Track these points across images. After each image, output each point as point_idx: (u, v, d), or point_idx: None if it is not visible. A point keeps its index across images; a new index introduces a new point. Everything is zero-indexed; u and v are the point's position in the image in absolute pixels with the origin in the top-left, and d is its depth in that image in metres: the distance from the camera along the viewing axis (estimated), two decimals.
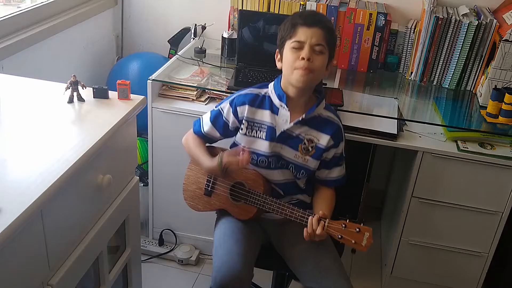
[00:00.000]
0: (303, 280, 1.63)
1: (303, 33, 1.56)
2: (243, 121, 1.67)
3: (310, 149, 1.66)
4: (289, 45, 1.58)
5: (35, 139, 1.29)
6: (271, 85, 1.69)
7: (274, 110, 1.66)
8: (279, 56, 1.65)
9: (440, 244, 2.15)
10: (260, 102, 1.67)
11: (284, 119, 1.65)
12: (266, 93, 1.68)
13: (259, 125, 1.67)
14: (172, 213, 2.34)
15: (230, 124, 1.69)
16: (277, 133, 1.65)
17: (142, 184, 2.52)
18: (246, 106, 1.66)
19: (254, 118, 1.67)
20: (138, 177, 1.67)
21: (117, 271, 1.58)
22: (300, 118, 1.63)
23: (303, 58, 1.55)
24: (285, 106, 1.63)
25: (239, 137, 1.69)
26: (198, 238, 2.38)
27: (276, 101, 1.65)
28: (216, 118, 1.71)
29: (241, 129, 1.67)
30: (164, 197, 2.32)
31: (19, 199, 1.05)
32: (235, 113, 1.67)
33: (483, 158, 1.95)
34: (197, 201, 1.77)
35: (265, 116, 1.66)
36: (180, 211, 2.29)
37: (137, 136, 1.69)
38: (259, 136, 1.66)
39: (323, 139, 1.66)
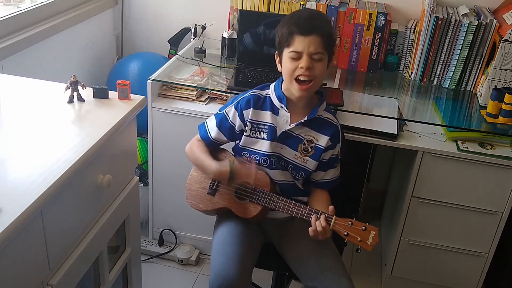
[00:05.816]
0: (304, 280, 1.63)
1: (300, 43, 1.54)
2: (247, 123, 1.67)
3: (310, 149, 1.66)
4: (287, 53, 1.58)
5: (35, 139, 1.29)
6: (272, 86, 1.70)
7: (274, 111, 1.67)
8: (278, 58, 1.65)
9: (440, 244, 2.15)
10: (262, 103, 1.68)
11: (285, 120, 1.65)
12: (267, 94, 1.69)
13: (261, 126, 1.67)
14: (172, 213, 2.34)
15: (236, 128, 1.70)
16: (278, 133, 1.65)
17: (142, 184, 2.51)
18: (251, 109, 1.67)
19: (257, 120, 1.67)
20: (138, 177, 1.67)
21: (117, 271, 1.58)
22: (302, 120, 1.64)
23: (302, 68, 1.54)
24: (285, 108, 1.64)
25: (242, 139, 1.69)
26: (198, 238, 2.38)
27: (276, 102, 1.66)
28: (222, 122, 1.71)
29: (245, 131, 1.68)
30: (164, 197, 2.32)
31: (19, 199, 1.05)
32: (241, 117, 1.68)
33: (483, 158, 1.95)
34: (199, 200, 1.76)
35: (266, 117, 1.67)
36: (180, 211, 2.29)
37: (137, 136, 1.69)
38: (261, 136, 1.67)
39: (322, 140, 1.66)
